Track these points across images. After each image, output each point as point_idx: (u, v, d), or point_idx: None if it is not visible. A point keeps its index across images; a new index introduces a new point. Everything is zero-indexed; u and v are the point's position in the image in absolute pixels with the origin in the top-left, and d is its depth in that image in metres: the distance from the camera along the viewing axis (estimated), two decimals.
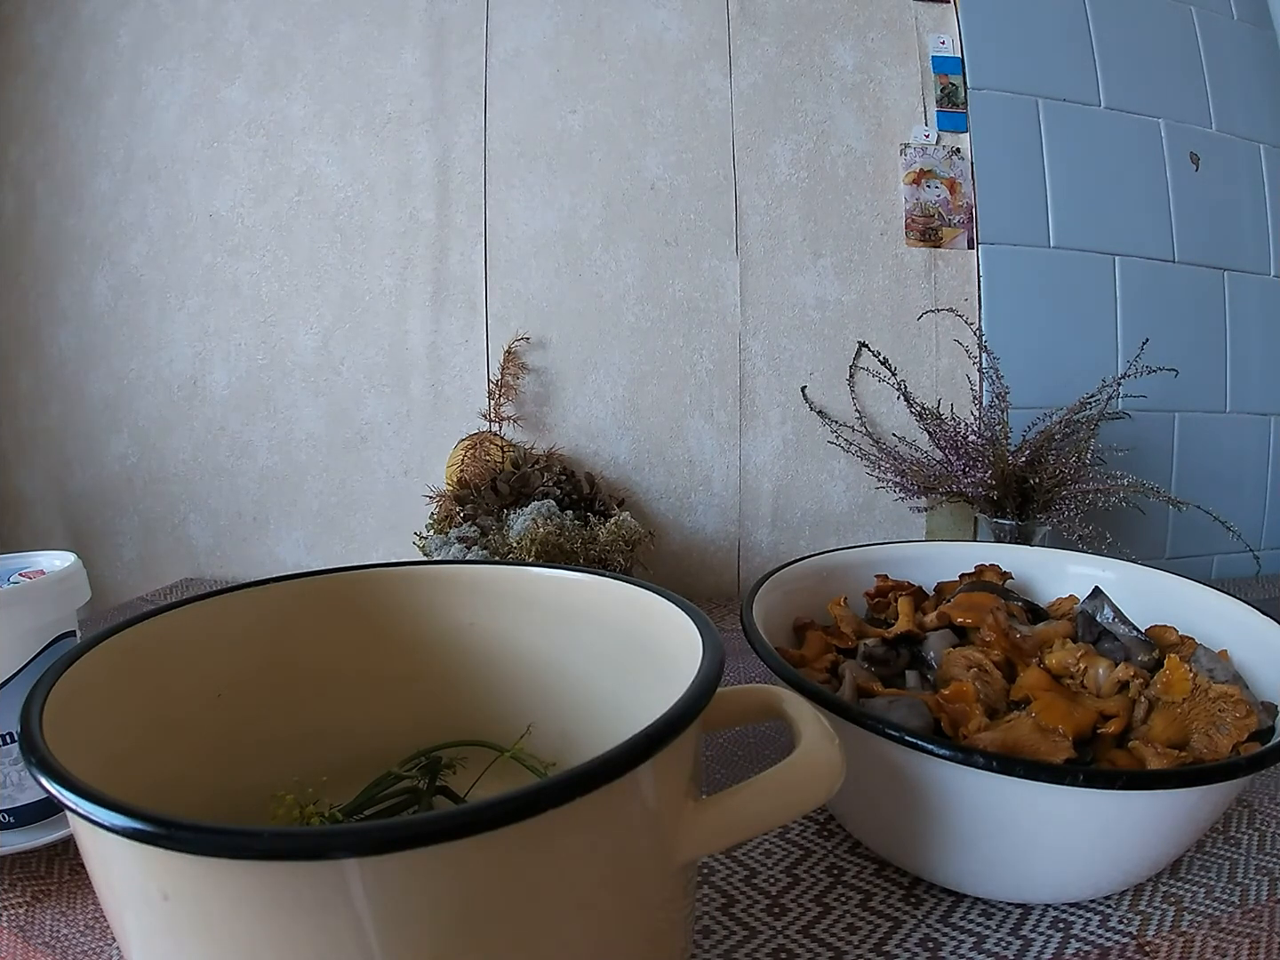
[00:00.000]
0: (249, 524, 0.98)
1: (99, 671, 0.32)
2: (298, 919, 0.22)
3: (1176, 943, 0.36)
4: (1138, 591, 0.53)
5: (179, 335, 0.97)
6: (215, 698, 0.38)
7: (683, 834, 0.27)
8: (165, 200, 0.96)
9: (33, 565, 0.45)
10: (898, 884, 0.41)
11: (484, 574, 0.43)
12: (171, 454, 0.99)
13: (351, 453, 0.96)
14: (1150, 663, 0.45)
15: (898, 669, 0.48)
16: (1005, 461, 0.79)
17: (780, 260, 0.92)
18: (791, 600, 0.53)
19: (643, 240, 0.92)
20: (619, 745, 0.24)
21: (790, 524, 0.94)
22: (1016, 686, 0.43)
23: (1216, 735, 0.39)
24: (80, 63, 0.97)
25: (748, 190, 0.92)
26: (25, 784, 0.41)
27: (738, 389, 0.93)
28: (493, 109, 0.92)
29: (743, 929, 0.38)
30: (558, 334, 0.93)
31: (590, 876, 0.25)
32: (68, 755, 0.24)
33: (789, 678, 0.40)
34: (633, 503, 0.92)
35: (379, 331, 0.95)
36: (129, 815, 0.21)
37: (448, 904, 0.22)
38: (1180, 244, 0.98)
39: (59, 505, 1.03)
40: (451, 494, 0.82)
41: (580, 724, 0.41)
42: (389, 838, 0.21)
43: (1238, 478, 1.01)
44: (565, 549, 0.71)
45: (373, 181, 0.94)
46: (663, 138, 0.92)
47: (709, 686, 0.28)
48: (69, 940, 0.38)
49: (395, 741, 0.41)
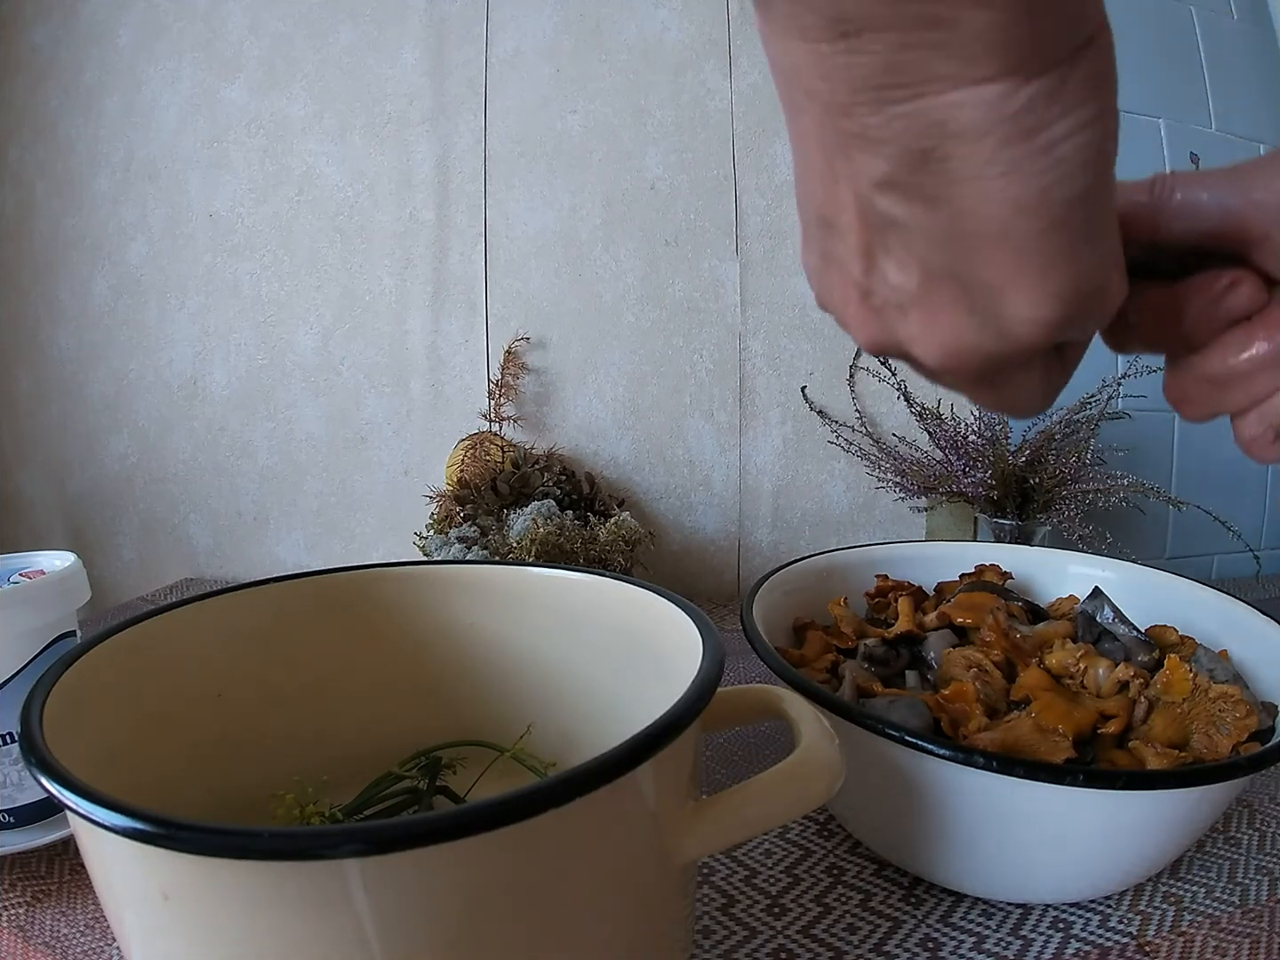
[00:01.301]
0: (249, 524, 0.98)
1: (99, 671, 0.32)
2: (298, 919, 0.22)
3: (1176, 943, 0.37)
4: (1138, 591, 0.53)
5: (179, 335, 0.97)
6: (215, 697, 0.38)
7: (683, 834, 0.27)
8: (165, 200, 0.96)
9: (33, 565, 0.45)
10: (898, 884, 0.41)
11: (484, 574, 0.44)
12: (171, 454, 0.99)
13: (351, 453, 0.96)
14: (1150, 663, 0.45)
15: (898, 669, 0.48)
16: (1005, 461, 0.79)
17: (780, 260, 0.92)
18: (791, 600, 0.53)
19: (643, 240, 0.92)
20: (619, 745, 0.24)
21: (790, 524, 0.94)
22: (1016, 686, 0.43)
23: (1216, 735, 0.39)
24: (80, 63, 0.97)
25: (748, 190, 0.92)
26: (25, 784, 0.41)
27: (738, 389, 0.93)
28: (493, 109, 0.92)
29: (743, 929, 0.38)
30: (558, 334, 0.93)
31: (590, 876, 0.25)
32: (68, 755, 0.24)
33: (789, 678, 0.40)
34: (633, 503, 0.92)
35: (379, 331, 0.95)
36: (129, 815, 0.21)
37: (448, 904, 0.22)
38: None
39: (59, 505, 1.03)
40: (451, 494, 0.82)
41: (580, 724, 0.41)
42: (389, 837, 0.21)
43: (1238, 478, 1.01)
44: (565, 549, 0.71)
45: (373, 181, 0.94)
46: (663, 138, 0.92)
47: (709, 686, 0.28)
48: (69, 940, 0.38)
49: (395, 741, 0.41)
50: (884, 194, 0.19)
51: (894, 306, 0.22)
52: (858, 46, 0.17)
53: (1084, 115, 0.17)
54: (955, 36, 0.16)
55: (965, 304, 0.20)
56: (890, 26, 0.16)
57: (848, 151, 0.19)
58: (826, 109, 0.18)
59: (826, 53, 0.17)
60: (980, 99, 0.17)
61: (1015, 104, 0.17)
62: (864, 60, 0.17)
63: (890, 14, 0.16)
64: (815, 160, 0.21)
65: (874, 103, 0.18)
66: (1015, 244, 0.19)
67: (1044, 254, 0.19)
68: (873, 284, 0.22)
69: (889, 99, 0.17)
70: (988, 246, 0.19)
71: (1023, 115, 0.17)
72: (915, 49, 0.16)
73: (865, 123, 0.18)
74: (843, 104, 0.18)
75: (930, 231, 0.19)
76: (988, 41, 0.16)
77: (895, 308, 0.22)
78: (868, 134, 0.18)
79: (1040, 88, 0.17)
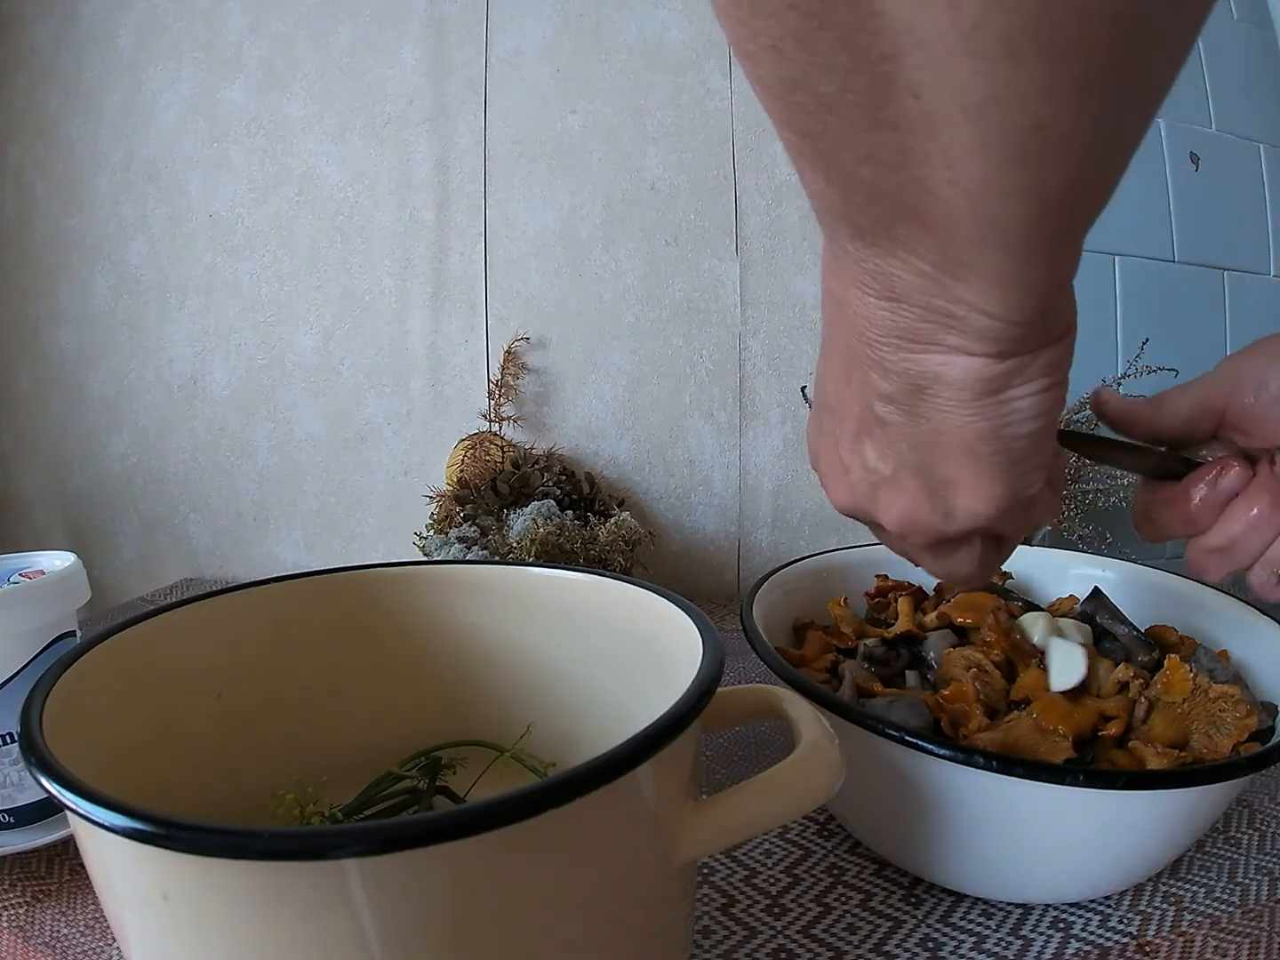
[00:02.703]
0: (249, 524, 0.98)
1: (99, 671, 0.32)
2: (298, 919, 0.22)
3: (1176, 943, 0.36)
4: (1138, 591, 0.53)
5: (179, 335, 0.97)
6: (215, 698, 0.38)
7: (683, 834, 0.27)
8: (165, 200, 0.96)
9: (33, 565, 0.45)
10: (898, 884, 0.41)
11: (484, 574, 0.44)
12: (171, 454, 0.99)
13: (351, 453, 0.96)
14: (1150, 663, 0.45)
15: (898, 669, 0.48)
16: None
17: (780, 260, 0.92)
18: (791, 600, 0.53)
19: (643, 240, 0.92)
20: (619, 745, 0.24)
21: (790, 524, 0.94)
22: (1016, 686, 0.43)
23: (1216, 735, 0.39)
24: (80, 63, 0.97)
25: (748, 190, 0.92)
26: (25, 784, 0.41)
27: (738, 389, 0.93)
28: (493, 109, 0.92)
29: (743, 929, 0.38)
30: (558, 334, 0.93)
31: (590, 876, 0.25)
32: (68, 755, 0.24)
33: (789, 678, 0.40)
34: (633, 503, 0.92)
35: (379, 331, 0.95)
36: (129, 815, 0.21)
37: (448, 904, 0.22)
38: (1180, 244, 0.98)
39: (59, 505, 1.03)
40: (451, 494, 0.82)
41: (580, 724, 0.41)
42: (389, 838, 0.21)
43: None
44: (565, 549, 0.71)
45: (373, 181, 0.94)
46: (663, 138, 0.92)
47: (709, 686, 0.28)
48: (69, 940, 0.38)
49: (395, 741, 0.41)
50: (883, 404, 0.26)
51: (866, 483, 0.29)
52: (897, 310, 0.23)
53: (1037, 386, 0.24)
54: (964, 327, 0.22)
55: (925, 491, 0.27)
56: (923, 306, 0.22)
57: (865, 369, 0.26)
58: (859, 337, 0.25)
59: (874, 306, 0.23)
60: (968, 366, 0.23)
61: (991, 373, 0.23)
62: (897, 319, 0.23)
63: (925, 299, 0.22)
64: (837, 365, 0.28)
65: (895, 347, 0.24)
66: (971, 459, 0.25)
67: (991, 468, 0.25)
68: (852, 464, 0.29)
69: (905, 347, 0.24)
70: (950, 455, 0.26)
71: (995, 380, 0.23)
72: (934, 325, 0.23)
73: (884, 356, 0.24)
74: (872, 340, 0.24)
75: (910, 436, 0.26)
76: (985, 334, 0.22)
77: (867, 484, 0.29)
78: (883, 364, 0.25)
79: (1011, 365, 0.23)
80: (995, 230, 0.20)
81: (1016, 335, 0.22)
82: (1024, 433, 0.25)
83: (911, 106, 0.18)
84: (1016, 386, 0.24)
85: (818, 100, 0.19)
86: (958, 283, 0.21)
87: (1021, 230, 0.20)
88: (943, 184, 0.19)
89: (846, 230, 0.22)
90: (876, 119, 0.18)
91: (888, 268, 0.22)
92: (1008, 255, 0.20)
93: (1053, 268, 0.21)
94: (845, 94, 0.18)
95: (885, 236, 0.21)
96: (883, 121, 0.18)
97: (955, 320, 0.22)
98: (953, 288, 0.21)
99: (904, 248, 0.21)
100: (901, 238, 0.21)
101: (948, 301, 0.22)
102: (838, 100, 0.19)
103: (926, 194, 0.19)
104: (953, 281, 0.21)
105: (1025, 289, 0.21)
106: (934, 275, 0.21)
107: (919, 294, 0.22)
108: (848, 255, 0.23)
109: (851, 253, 0.23)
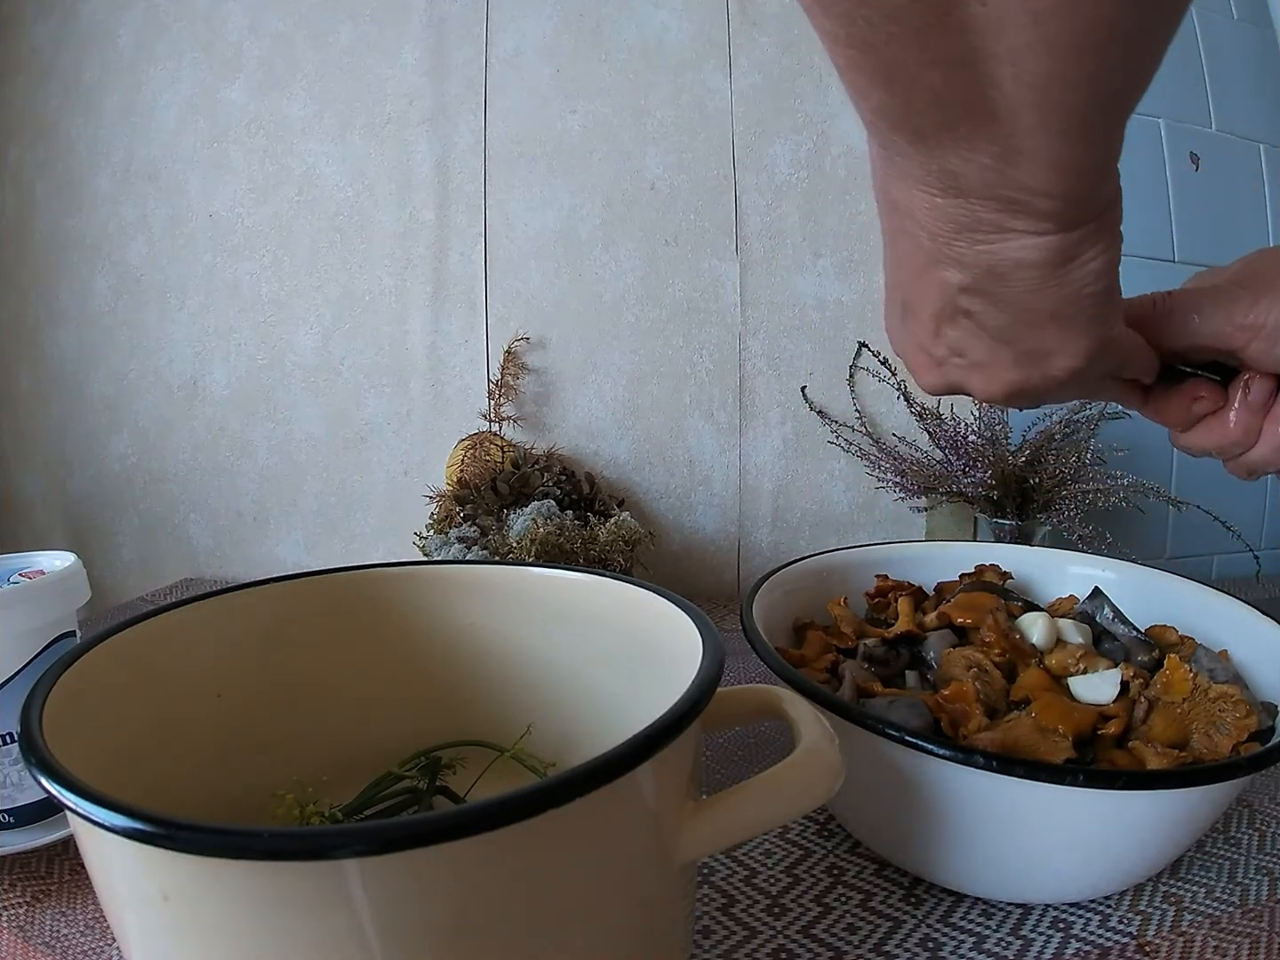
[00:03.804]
0: (249, 524, 0.98)
1: (99, 671, 0.32)
2: (298, 919, 0.22)
3: (1176, 943, 0.37)
4: (1138, 591, 0.53)
5: (179, 335, 0.97)
6: (215, 698, 0.38)
7: (683, 834, 0.27)
8: (165, 200, 0.96)
9: (33, 565, 0.45)
10: (898, 884, 0.41)
11: (484, 574, 0.44)
12: (171, 454, 0.99)
13: (351, 453, 0.96)
14: (1150, 663, 0.45)
15: (898, 669, 0.48)
16: (1005, 461, 0.79)
17: (780, 260, 0.92)
18: (791, 600, 0.53)
19: (643, 240, 0.92)
20: (619, 745, 0.24)
21: (790, 524, 0.94)
22: (1016, 686, 0.43)
23: (1216, 735, 0.39)
24: (80, 63, 0.97)
25: (748, 190, 0.92)
26: (25, 784, 0.41)
27: (738, 389, 0.93)
28: (493, 109, 0.92)
29: (743, 929, 0.38)
30: (558, 334, 0.93)
31: (590, 877, 0.25)
32: (68, 755, 0.24)
33: (789, 678, 0.40)
34: (633, 503, 0.92)
35: (379, 331, 0.94)
36: (129, 815, 0.21)
37: (448, 904, 0.22)
38: (1180, 244, 0.98)
39: (59, 505, 1.03)
40: (451, 494, 0.82)
41: (580, 724, 0.41)
42: (389, 838, 0.21)
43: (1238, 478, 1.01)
44: (565, 549, 0.71)
45: (373, 181, 0.94)
46: (663, 138, 0.92)
47: (709, 686, 0.28)
48: (69, 940, 0.38)
49: (395, 741, 0.41)
50: (965, 296, 0.29)
51: (958, 370, 0.33)
52: (965, 204, 0.25)
53: (1102, 247, 0.26)
54: (1029, 210, 0.24)
55: (1022, 363, 0.31)
56: (989, 196, 0.24)
57: (939, 268, 0.28)
58: (931, 236, 0.27)
59: (942, 204, 0.26)
60: (1040, 244, 0.26)
61: (1061, 245, 0.26)
62: (966, 213, 0.25)
63: (990, 190, 0.24)
64: (908, 268, 0.30)
65: (970, 240, 0.26)
66: (1059, 324, 0.29)
67: (1076, 326, 0.29)
68: (941, 354, 0.33)
69: (980, 239, 0.26)
70: (1040, 325, 0.29)
71: (1066, 250, 0.26)
72: (1002, 213, 0.25)
73: (960, 251, 0.27)
74: (945, 237, 0.27)
75: (997, 318, 0.29)
76: (1050, 214, 0.25)
77: (959, 370, 0.33)
78: (960, 259, 0.27)
79: (1079, 235, 0.26)
80: (1054, 118, 0.21)
81: (1076, 210, 0.25)
82: (1099, 289, 0.27)
83: (978, 13, 0.19)
84: (1085, 252, 0.26)
85: (884, 11, 0.20)
86: (1018, 170, 0.23)
87: (1079, 115, 0.21)
88: (1007, 79, 0.21)
89: (907, 135, 0.24)
90: (943, 23, 0.20)
91: (950, 165, 0.24)
92: (1065, 139, 0.22)
93: (1102, 148, 0.23)
94: (913, 4, 0.20)
95: (948, 135, 0.23)
96: (949, 25, 0.20)
97: (1020, 205, 0.24)
98: (1015, 176, 0.23)
99: (966, 144, 0.23)
100: (964, 135, 0.23)
101: (1011, 189, 0.24)
102: (905, 10, 0.20)
103: (991, 88, 0.21)
104: (1014, 170, 0.23)
105: (1080, 170, 0.23)
106: (996, 167, 0.23)
107: (984, 186, 0.24)
108: (909, 160, 0.25)
109: (914, 157, 0.24)
